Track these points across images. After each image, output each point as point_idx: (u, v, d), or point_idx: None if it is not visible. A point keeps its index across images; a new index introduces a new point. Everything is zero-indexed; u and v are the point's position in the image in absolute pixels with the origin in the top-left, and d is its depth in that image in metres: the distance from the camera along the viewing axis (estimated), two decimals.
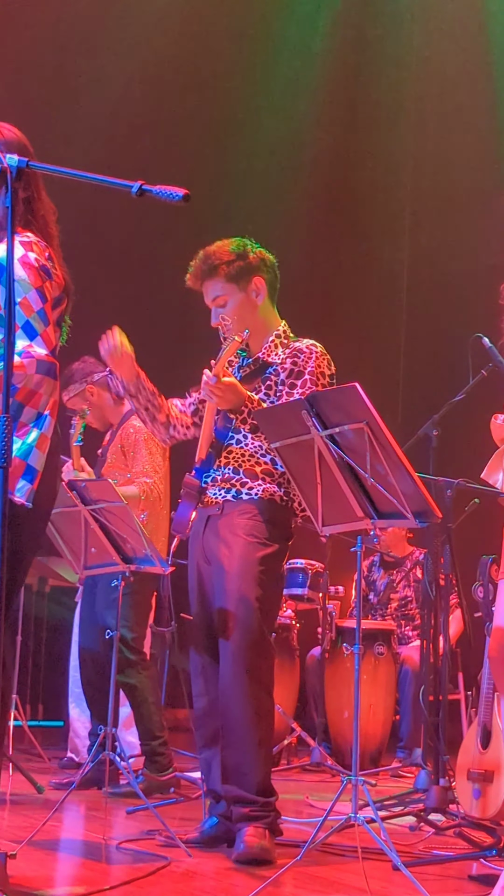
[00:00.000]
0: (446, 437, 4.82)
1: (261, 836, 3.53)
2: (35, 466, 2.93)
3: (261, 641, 3.64)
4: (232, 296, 3.87)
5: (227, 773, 3.65)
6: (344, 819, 3.29)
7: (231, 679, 3.62)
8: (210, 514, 3.79)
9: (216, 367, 3.63)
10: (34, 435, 2.94)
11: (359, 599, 3.61)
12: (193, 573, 3.86)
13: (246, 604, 3.62)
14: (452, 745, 4.59)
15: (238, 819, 3.60)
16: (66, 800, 4.11)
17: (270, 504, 3.75)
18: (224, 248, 3.88)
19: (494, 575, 4.17)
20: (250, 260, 3.88)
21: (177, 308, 7.53)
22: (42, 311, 3.02)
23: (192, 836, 3.76)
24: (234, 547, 3.69)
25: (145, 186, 2.68)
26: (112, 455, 5.25)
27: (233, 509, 3.75)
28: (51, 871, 3.45)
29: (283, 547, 3.79)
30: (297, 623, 6.76)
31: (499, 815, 3.93)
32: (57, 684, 6.91)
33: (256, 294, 3.89)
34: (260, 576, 3.66)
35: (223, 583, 3.68)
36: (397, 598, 6.85)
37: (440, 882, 3.39)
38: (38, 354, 2.96)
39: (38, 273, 3.03)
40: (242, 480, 3.77)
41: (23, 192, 3.07)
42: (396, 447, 3.17)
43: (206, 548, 3.79)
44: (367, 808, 3.51)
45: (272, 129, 8.77)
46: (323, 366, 3.83)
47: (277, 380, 3.81)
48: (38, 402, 2.99)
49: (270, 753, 3.77)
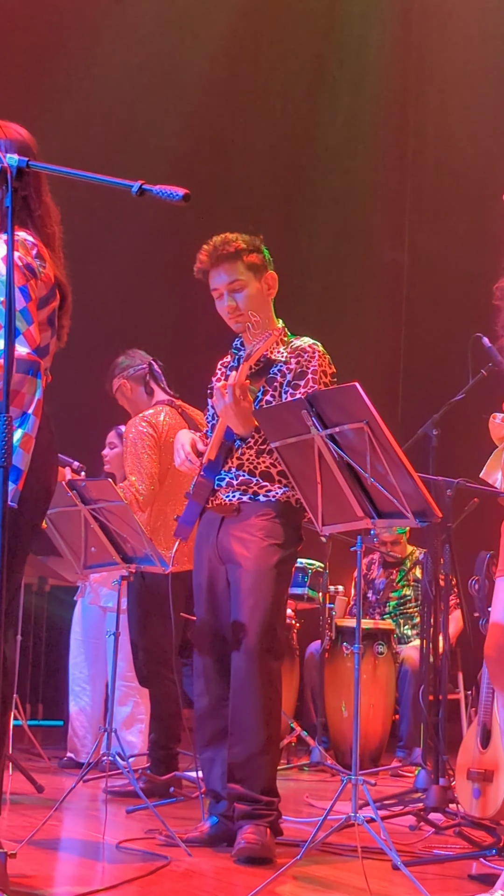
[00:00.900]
0: (446, 436, 4.82)
1: (262, 835, 3.54)
2: (20, 467, 2.93)
3: (275, 641, 3.67)
4: (250, 284, 3.90)
5: (232, 770, 3.65)
6: (344, 818, 3.29)
7: (245, 677, 3.63)
8: (225, 516, 3.81)
9: (241, 369, 3.69)
10: (18, 435, 2.94)
11: (359, 599, 3.61)
12: (203, 575, 3.86)
13: (263, 603, 3.65)
14: (452, 744, 4.60)
15: (240, 817, 3.61)
16: (65, 799, 4.12)
17: (287, 506, 3.77)
18: (243, 239, 3.92)
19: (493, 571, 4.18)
20: (265, 256, 3.96)
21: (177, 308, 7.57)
22: (25, 310, 3.01)
23: (192, 835, 3.77)
24: (252, 547, 3.71)
25: (145, 186, 2.68)
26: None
27: (250, 511, 3.77)
28: (51, 870, 3.46)
29: (297, 549, 3.84)
30: (297, 622, 6.76)
31: (499, 815, 3.93)
32: (57, 684, 6.91)
33: (269, 288, 3.94)
34: (277, 577, 3.70)
35: (240, 582, 3.70)
36: (396, 598, 6.85)
37: (440, 881, 3.39)
38: (20, 353, 2.96)
39: (22, 272, 3.03)
40: (260, 483, 3.79)
41: (21, 192, 3.06)
42: (396, 447, 3.17)
43: (221, 549, 3.80)
44: (366, 808, 3.51)
45: (272, 129, 8.78)
46: (325, 365, 3.85)
47: (284, 381, 3.83)
48: (22, 401, 2.98)
49: (277, 754, 3.79)
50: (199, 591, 3.88)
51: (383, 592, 6.87)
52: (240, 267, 3.89)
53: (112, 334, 6.39)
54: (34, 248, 3.09)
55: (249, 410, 3.71)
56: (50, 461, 3.10)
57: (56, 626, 7.33)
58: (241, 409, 3.68)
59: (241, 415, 3.69)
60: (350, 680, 5.91)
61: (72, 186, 3.00)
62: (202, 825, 3.81)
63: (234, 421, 3.71)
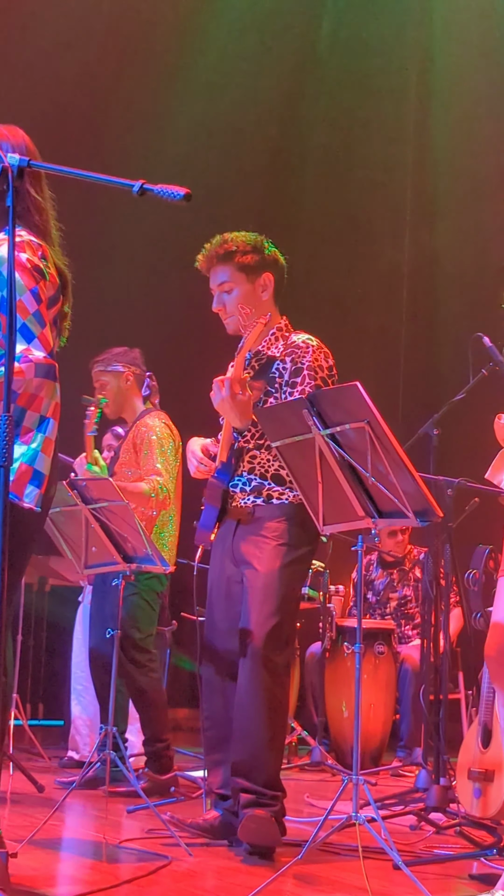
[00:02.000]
0: (447, 436, 4.82)
1: (266, 820, 3.55)
2: (42, 471, 2.95)
3: (281, 640, 3.67)
4: (239, 285, 3.93)
5: (236, 766, 3.66)
6: (345, 818, 3.29)
7: (250, 674, 3.64)
8: (240, 520, 3.82)
9: (237, 362, 3.69)
10: (39, 439, 2.96)
11: (359, 598, 3.61)
12: (220, 577, 3.88)
13: (270, 603, 3.66)
14: (453, 744, 4.60)
15: (245, 805, 3.61)
16: (66, 799, 4.12)
17: (300, 508, 3.77)
18: (242, 239, 3.95)
19: (491, 566, 4.18)
20: (265, 255, 3.95)
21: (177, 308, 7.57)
22: (38, 313, 3.02)
23: (195, 821, 3.77)
24: (264, 548, 3.74)
25: (146, 185, 2.68)
26: (125, 453, 5.25)
27: (263, 514, 3.79)
28: (52, 870, 3.45)
29: (311, 549, 3.86)
30: (298, 622, 6.76)
31: (499, 815, 3.93)
32: (57, 683, 6.91)
33: (263, 289, 3.95)
34: (287, 577, 3.72)
35: (250, 581, 3.72)
36: (396, 598, 6.85)
37: (441, 881, 3.39)
38: (37, 358, 2.97)
39: (31, 274, 3.03)
40: (273, 487, 3.80)
41: (22, 191, 3.07)
42: (397, 446, 3.17)
43: (236, 551, 3.82)
44: (367, 808, 3.51)
45: (273, 129, 8.77)
46: (320, 359, 3.85)
47: (283, 381, 3.84)
48: (40, 405, 2.99)
49: (281, 751, 3.80)
50: (212, 593, 3.90)
51: (383, 593, 6.87)
52: (231, 268, 3.92)
53: (112, 334, 6.39)
54: (39, 249, 3.09)
55: (247, 404, 3.71)
56: (55, 462, 3.11)
57: (56, 626, 7.33)
58: (238, 402, 3.69)
59: (237, 408, 3.70)
60: (350, 679, 5.91)
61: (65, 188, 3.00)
62: (209, 813, 3.82)
63: (231, 414, 3.73)
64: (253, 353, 3.93)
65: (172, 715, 6.83)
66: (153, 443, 5.13)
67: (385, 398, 7.00)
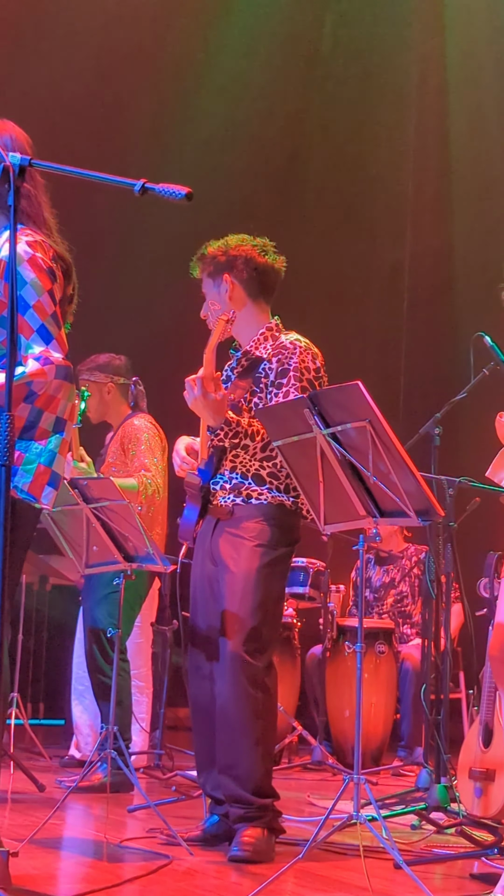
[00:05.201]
0: (448, 435, 4.82)
1: (257, 837, 3.53)
2: (58, 472, 2.97)
3: (259, 642, 3.64)
4: (208, 290, 3.97)
5: (223, 772, 3.64)
6: (346, 818, 3.29)
7: (227, 678, 3.62)
8: (219, 519, 3.81)
9: (205, 359, 3.69)
10: (55, 441, 2.97)
11: (360, 598, 3.61)
12: (201, 576, 3.86)
13: (247, 605, 3.64)
14: (454, 743, 4.60)
15: (235, 820, 3.60)
16: (67, 798, 4.12)
17: (280, 509, 3.77)
18: (212, 245, 3.96)
19: (501, 571, 4.18)
20: (223, 258, 3.91)
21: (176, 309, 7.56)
22: (55, 315, 3.03)
23: (193, 833, 3.76)
24: (241, 550, 3.72)
25: (148, 185, 2.68)
26: (112, 454, 5.29)
27: (242, 513, 3.77)
28: (52, 869, 3.45)
29: (289, 550, 3.82)
30: (298, 622, 6.76)
31: (500, 814, 3.94)
32: (58, 683, 6.90)
33: (225, 291, 3.92)
34: (263, 579, 3.69)
35: (226, 583, 3.70)
36: (393, 594, 6.84)
37: (442, 881, 3.39)
38: (57, 359, 2.97)
39: (47, 276, 3.04)
40: (252, 486, 3.78)
41: (23, 189, 3.07)
42: (399, 445, 3.17)
43: (214, 551, 3.80)
44: (368, 807, 3.51)
45: (273, 126, 8.77)
46: (307, 360, 3.82)
47: (268, 381, 3.83)
48: (58, 407, 3.00)
49: (270, 754, 3.74)
50: (197, 591, 3.88)
51: (380, 590, 6.86)
52: (203, 275, 3.97)
53: (111, 335, 6.39)
54: (51, 249, 3.10)
55: (220, 402, 3.66)
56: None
57: (56, 626, 7.33)
58: (210, 401, 3.64)
59: (210, 407, 3.65)
60: (351, 679, 5.91)
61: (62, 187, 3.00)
62: (202, 824, 3.81)
63: (205, 413, 3.69)
64: (242, 353, 3.93)
65: (173, 714, 6.83)
66: (141, 440, 5.22)
67: (386, 397, 7.01)
